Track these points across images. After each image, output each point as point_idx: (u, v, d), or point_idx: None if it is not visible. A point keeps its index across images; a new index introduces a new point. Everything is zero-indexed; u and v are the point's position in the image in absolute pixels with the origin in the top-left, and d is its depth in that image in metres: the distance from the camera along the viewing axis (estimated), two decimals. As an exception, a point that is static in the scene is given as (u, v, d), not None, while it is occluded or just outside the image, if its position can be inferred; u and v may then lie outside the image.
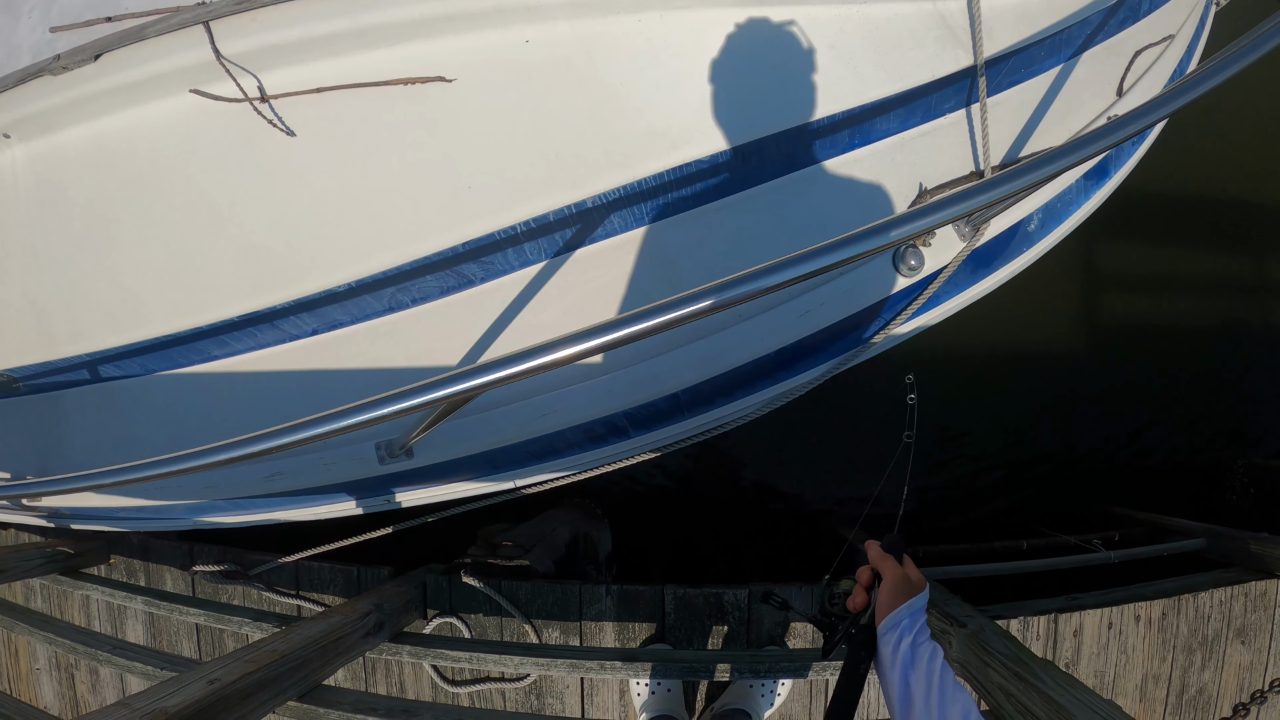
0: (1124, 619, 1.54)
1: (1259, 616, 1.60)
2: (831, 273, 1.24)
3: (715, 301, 0.75)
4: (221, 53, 1.03)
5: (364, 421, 0.73)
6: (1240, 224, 2.71)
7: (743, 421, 1.25)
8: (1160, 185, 2.54)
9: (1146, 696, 1.57)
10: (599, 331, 0.73)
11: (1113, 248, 2.70)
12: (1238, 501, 2.59)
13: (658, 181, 1.10)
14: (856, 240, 0.80)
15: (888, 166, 1.23)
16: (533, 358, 0.69)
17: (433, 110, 1.04)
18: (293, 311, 1.13)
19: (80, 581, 1.59)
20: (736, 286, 0.76)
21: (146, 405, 1.26)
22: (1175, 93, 0.85)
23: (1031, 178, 0.83)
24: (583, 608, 1.48)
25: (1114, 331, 2.73)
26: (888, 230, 0.80)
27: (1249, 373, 2.75)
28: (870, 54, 1.19)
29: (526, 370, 0.69)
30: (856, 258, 0.80)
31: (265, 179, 1.08)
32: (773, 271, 0.78)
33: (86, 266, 1.19)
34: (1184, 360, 2.73)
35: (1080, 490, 2.67)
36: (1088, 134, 0.84)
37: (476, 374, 0.69)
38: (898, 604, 0.68)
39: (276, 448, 0.79)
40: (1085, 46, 1.35)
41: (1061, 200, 1.33)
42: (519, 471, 1.23)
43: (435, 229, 1.07)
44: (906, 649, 0.63)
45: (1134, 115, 0.84)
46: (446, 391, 0.69)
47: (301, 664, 1.09)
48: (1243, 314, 2.77)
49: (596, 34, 1.06)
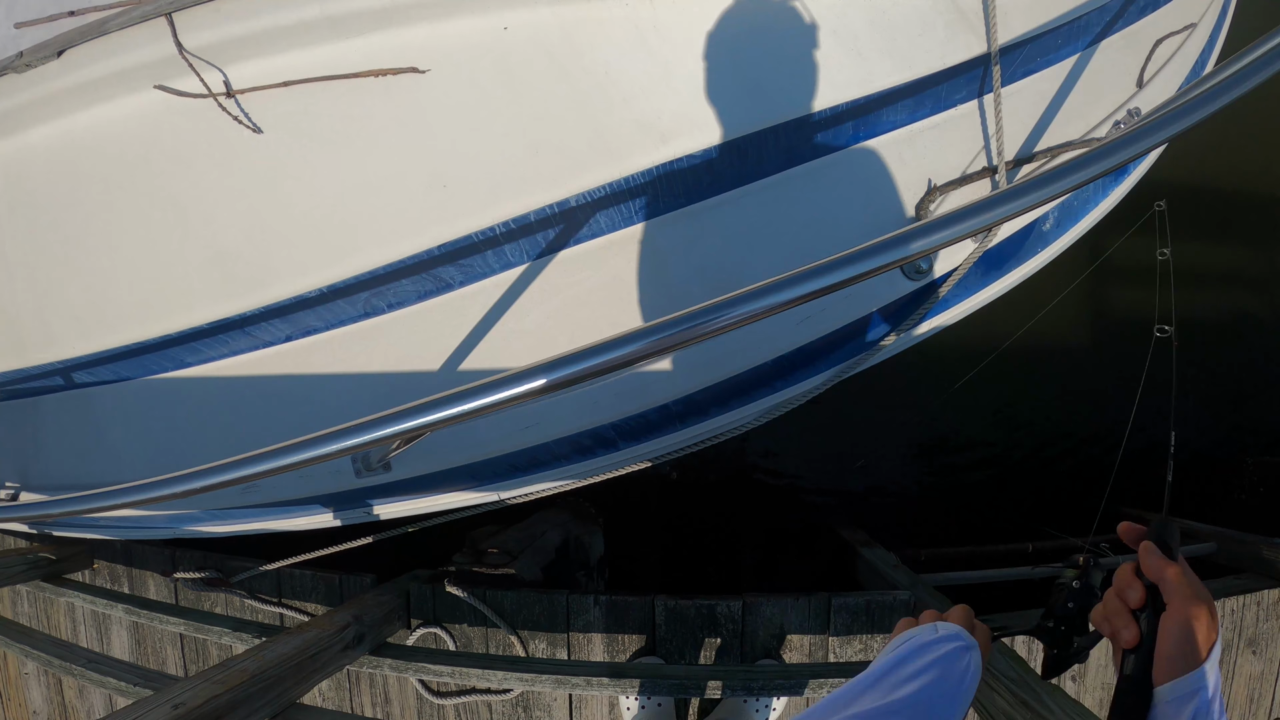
0: None
1: (1270, 626, 1.54)
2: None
3: (697, 326, 0.67)
4: (185, 46, 0.97)
5: (316, 457, 0.68)
6: (1251, 217, 2.62)
7: (739, 432, 1.18)
8: (1170, 176, 2.45)
9: None
10: (577, 359, 0.67)
11: (1119, 242, 2.62)
12: (1247, 500, 2.53)
13: (647, 178, 1.04)
14: (861, 257, 0.71)
15: (895, 161, 1.15)
16: (492, 392, 0.64)
17: (406, 104, 0.98)
18: (265, 318, 1.08)
19: (63, 588, 1.57)
20: (720, 312, 0.69)
21: (121, 412, 1.22)
22: (1208, 95, 0.76)
23: (1057, 188, 0.75)
24: (570, 619, 1.43)
25: (1116, 327, 2.66)
26: (905, 243, 0.72)
27: (1262, 368, 2.67)
28: (876, 40, 1.12)
29: (488, 405, 0.64)
30: (862, 277, 0.71)
31: (233, 179, 1.03)
32: (765, 294, 0.71)
33: (56, 271, 1.15)
34: (1194, 354, 2.66)
35: (1087, 490, 2.60)
36: (1119, 138, 0.75)
37: (434, 408, 0.64)
38: (1192, 659, 0.43)
39: (249, 476, 0.75)
40: (1104, 34, 1.26)
41: (1078, 198, 1.25)
42: (502, 484, 1.17)
43: (410, 230, 1.01)
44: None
45: (1165, 120, 0.75)
46: (397, 428, 0.65)
47: (274, 683, 1.05)
48: (1253, 308, 2.70)
49: (580, 20, 0.99)
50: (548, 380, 0.69)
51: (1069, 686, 1.48)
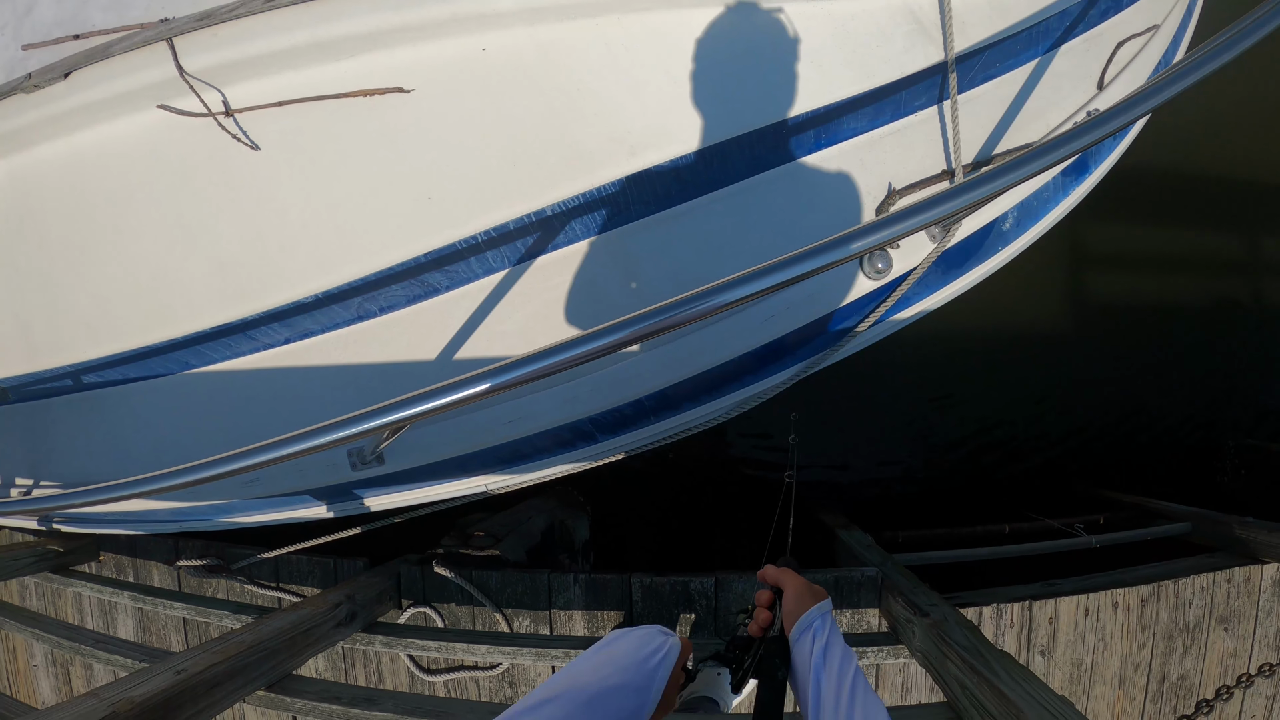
0: (1101, 606, 1.53)
1: (1242, 603, 1.58)
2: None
3: (664, 321, 0.74)
4: (185, 68, 1.04)
5: (311, 448, 0.75)
6: (1228, 203, 2.66)
7: (712, 424, 1.25)
8: (1148, 163, 2.49)
9: (1126, 684, 1.57)
10: (556, 351, 0.74)
11: (1100, 227, 2.66)
12: (1229, 483, 2.58)
13: (618, 187, 1.10)
14: (813, 255, 0.79)
15: (856, 166, 1.22)
16: (469, 387, 0.71)
17: (392, 121, 1.05)
18: (264, 322, 1.15)
19: (70, 579, 1.64)
20: (686, 306, 0.75)
21: (129, 411, 1.29)
22: (1156, 87, 0.82)
23: (1001, 183, 0.82)
24: (552, 596, 1.50)
25: (1102, 311, 2.70)
26: (846, 243, 0.79)
27: (1242, 353, 2.71)
28: (837, 52, 1.18)
29: (466, 398, 0.71)
30: (814, 272, 0.78)
31: (232, 192, 1.10)
32: (727, 288, 0.77)
33: (66, 280, 1.22)
34: (1175, 340, 2.70)
35: (1067, 472, 2.65)
36: (1058, 136, 0.82)
37: (419, 400, 0.72)
38: (805, 608, 0.66)
39: (249, 467, 0.83)
40: (1064, 39, 1.32)
41: (1038, 198, 1.31)
42: (489, 476, 1.24)
43: (398, 240, 1.08)
44: (819, 651, 0.61)
45: (1112, 113, 0.82)
46: (394, 417, 0.72)
47: (270, 654, 1.13)
48: (1235, 293, 2.74)
49: (554, 40, 1.06)
50: (529, 370, 0.75)
51: (1038, 662, 1.54)
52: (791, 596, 0.69)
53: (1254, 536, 1.65)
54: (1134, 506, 2.24)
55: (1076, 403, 2.69)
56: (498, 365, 0.76)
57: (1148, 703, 1.58)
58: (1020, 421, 2.68)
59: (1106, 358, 2.70)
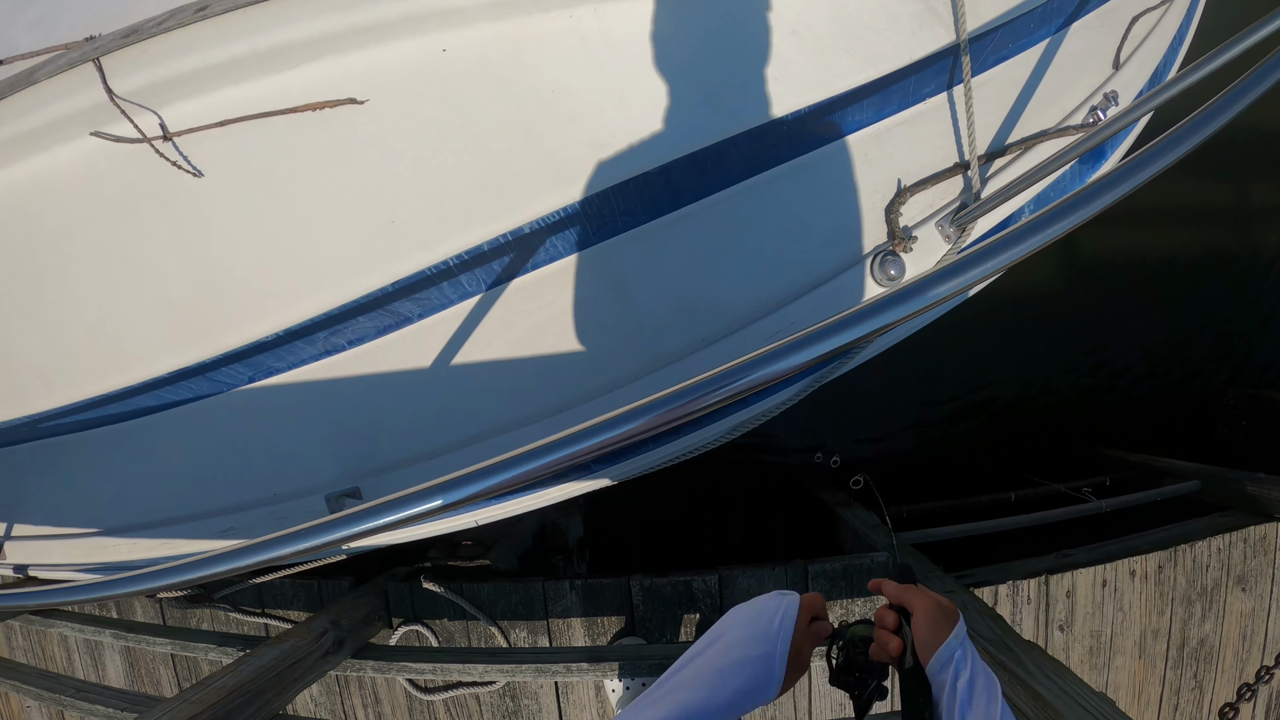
0: (1119, 575, 1.48)
1: (1259, 562, 1.53)
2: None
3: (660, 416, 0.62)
4: (115, 91, 0.94)
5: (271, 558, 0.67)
6: (1222, 151, 2.55)
7: (711, 448, 1.17)
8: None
9: (1146, 652, 1.53)
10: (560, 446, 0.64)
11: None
12: (1229, 434, 2.52)
13: (602, 199, 1.00)
14: (862, 318, 0.57)
15: (862, 163, 1.12)
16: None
17: (347, 136, 0.95)
18: (223, 363, 1.06)
19: (51, 620, 1.58)
20: (694, 395, 0.61)
21: (90, 460, 1.21)
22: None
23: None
24: (548, 605, 1.44)
25: (1095, 262, 2.61)
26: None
27: (1237, 300, 2.64)
28: (839, 38, 1.07)
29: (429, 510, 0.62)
30: (872, 335, 0.58)
31: (177, 224, 1.00)
32: (757, 365, 0.60)
33: (14, 326, 1.13)
34: (1170, 290, 2.62)
35: (1068, 432, 2.58)
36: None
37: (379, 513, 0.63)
38: (941, 635, 0.59)
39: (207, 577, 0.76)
40: (1077, 14, 1.21)
41: (1055, 189, 1.21)
42: (478, 510, 1.16)
43: (361, 269, 0.99)
44: (964, 688, 0.55)
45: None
46: (347, 532, 0.64)
47: (254, 696, 1.06)
48: (1229, 243, 2.66)
49: (523, 36, 0.95)
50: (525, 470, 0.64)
51: (1057, 637, 1.48)
52: (924, 623, 0.60)
53: (1266, 493, 1.58)
54: (1139, 466, 2.17)
55: (1073, 360, 2.62)
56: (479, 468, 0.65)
57: (1169, 670, 1.53)
58: (1013, 382, 2.60)
59: (1096, 309, 2.62)
